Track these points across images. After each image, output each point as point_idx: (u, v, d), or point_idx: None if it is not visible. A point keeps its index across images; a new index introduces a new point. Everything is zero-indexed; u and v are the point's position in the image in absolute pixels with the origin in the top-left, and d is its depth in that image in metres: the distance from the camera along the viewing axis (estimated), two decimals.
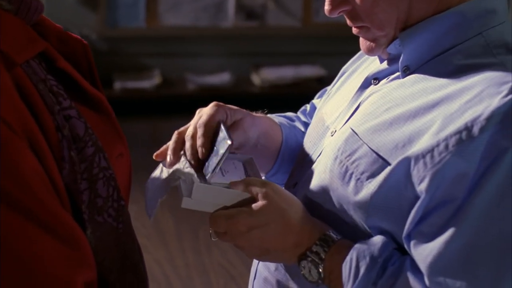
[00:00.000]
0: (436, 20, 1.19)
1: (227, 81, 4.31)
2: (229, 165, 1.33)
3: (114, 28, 4.25)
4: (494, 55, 1.16)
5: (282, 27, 4.40)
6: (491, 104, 1.08)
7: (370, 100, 1.25)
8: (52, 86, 1.02)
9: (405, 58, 1.22)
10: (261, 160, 1.48)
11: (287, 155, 1.50)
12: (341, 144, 1.22)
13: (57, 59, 1.05)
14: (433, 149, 1.09)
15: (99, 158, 1.03)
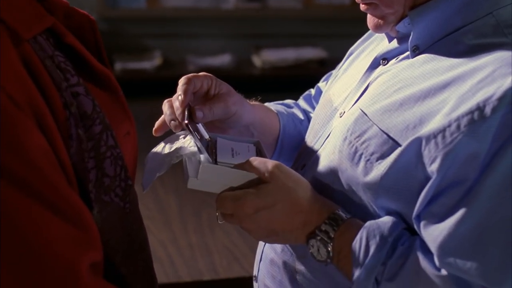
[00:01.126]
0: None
1: (228, 62, 4.29)
2: (242, 147, 1.31)
3: (114, 8, 4.22)
4: (505, 35, 1.15)
5: (283, 8, 4.38)
6: (504, 84, 1.07)
7: (379, 80, 1.24)
8: (60, 62, 1.00)
9: (414, 37, 1.20)
10: None
11: (286, 143, 1.49)
12: (351, 125, 1.21)
13: (65, 35, 1.03)
14: (445, 130, 1.08)
15: (106, 136, 1.02)
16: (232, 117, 1.36)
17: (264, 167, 1.19)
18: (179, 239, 2.51)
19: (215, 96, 1.35)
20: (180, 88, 1.31)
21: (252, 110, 1.41)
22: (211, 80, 1.36)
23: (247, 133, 1.42)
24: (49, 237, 0.92)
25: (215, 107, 1.32)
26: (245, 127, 1.41)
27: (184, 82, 1.32)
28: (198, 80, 1.33)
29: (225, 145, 1.29)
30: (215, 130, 1.36)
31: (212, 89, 1.35)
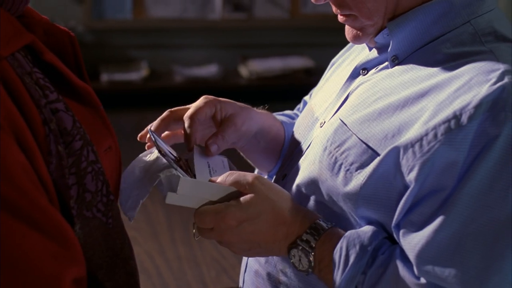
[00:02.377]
0: (424, 9, 1.19)
1: (215, 73, 4.29)
2: (217, 162, 1.31)
3: (100, 20, 4.22)
4: (483, 43, 1.15)
5: (269, 18, 4.39)
6: (480, 92, 1.07)
7: (359, 90, 1.24)
8: (39, 79, 1.00)
9: (393, 47, 1.21)
10: (265, 158, 1.47)
11: None
12: (330, 135, 1.21)
13: (44, 52, 1.03)
14: (422, 138, 1.09)
15: (87, 151, 1.01)
16: (243, 131, 1.37)
17: (244, 179, 1.19)
18: (167, 250, 2.51)
19: (222, 121, 1.35)
20: (186, 130, 1.32)
21: (260, 119, 1.42)
22: (213, 106, 1.35)
23: (254, 142, 1.42)
24: (30, 254, 0.92)
25: (227, 134, 1.33)
26: (252, 136, 1.42)
27: (188, 125, 1.32)
28: (202, 113, 1.33)
29: (200, 160, 1.28)
30: (222, 145, 1.37)
31: (217, 114, 1.35)
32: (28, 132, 0.93)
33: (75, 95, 1.06)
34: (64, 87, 1.04)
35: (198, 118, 1.32)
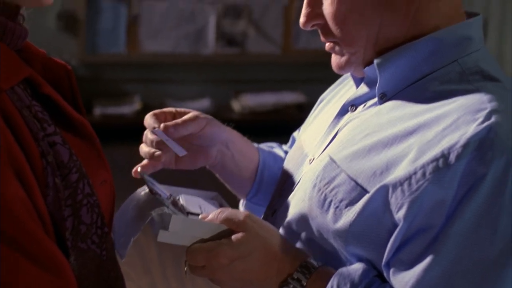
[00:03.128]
0: (413, 47, 1.20)
1: (208, 107, 4.31)
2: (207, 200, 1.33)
3: (94, 54, 4.25)
4: (470, 82, 1.17)
5: (262, 54, 4.42)
6: (467, 131, 1.08)
7: (348, 127, 1.25)
8: (37, 112, 1.02)
9: (381, 84, 1.22)
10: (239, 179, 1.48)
11: (266, 175, 1.50)
12: (320, 171, 1.22)
13: (42, 85, 1.05)
14: (411, 177, 1.10)
15: (83, 184, 1.03)
16: (206, 131, 1.38)
17: (236, 217, 1.20)
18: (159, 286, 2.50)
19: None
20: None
21: (227, 128, 1.44)
22: (173, 112, 1.39)
23: (228, 153, 1.43)
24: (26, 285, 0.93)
25: (188, 121, 1.36)
26: (224, 145, 1.42)
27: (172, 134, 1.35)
28: (184, 129, 1.37)
29: (191, 199, 1.30)
30: (195, 151, 1.39)
31: (178, 115, 1.39)
32: (26, 165, 0.95)
33: (71, 128, 1.08)
34: (61, 120, 1.06)
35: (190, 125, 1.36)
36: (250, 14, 4.35)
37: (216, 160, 1.43)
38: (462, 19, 1.23)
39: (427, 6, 1.19)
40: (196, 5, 4.28)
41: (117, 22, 4.24)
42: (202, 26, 4.32)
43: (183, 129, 1.35)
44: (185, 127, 1.35)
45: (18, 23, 1.06)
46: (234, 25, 4.36)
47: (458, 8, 1.23)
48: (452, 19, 1.21)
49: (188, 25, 4.30)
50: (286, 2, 4.31)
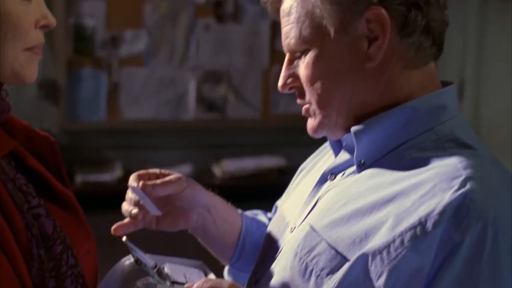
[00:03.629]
0: (388, 116, 1.23)
1: (189, 173, 4.32)
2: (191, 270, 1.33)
3: (75, 122, 4.26)
4: (445, 149, 1.19)
5: (242, 119, 4.45)
6: (443, 199, 1.11)
7: (327, 195, 1.27)
8: (21, 184, 1.03)
9: (359, 153, 1.24)
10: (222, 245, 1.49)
11: (248, 241, 1.51)
12: (301, 240, 1.23)
13: (26, 158, 1.07)
14: (389, 245, 1.11)
15: (67, 256, 1.04)
16: (186, 194, 1.40)
17: (220, 287, 1.20)
18: None
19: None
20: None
21: (208, 192, 1.45)
22: (157, 174, 1.41)
23: (209, 217, 1.44)
24: None
25: (168, 182, 1.37)
26: (205, 209, 1.44)
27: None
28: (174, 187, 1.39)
29: (175, 268, 1.30)
30: (176, 214, 1.40)
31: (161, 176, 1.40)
32: (11, 237, 0.96)
33: (56, 200, 1.09)
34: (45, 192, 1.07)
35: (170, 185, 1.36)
36: (230, 79, 4.40)
37: (197, 224, 1.44)
38: (437, 87, 1.26)
39: (399, 76, 1.23)
40: (176, 72, 4.32)
41: (97, 90, 4.26)
42: (182, 92, 4.35)
43: (162, 189, 1.37)
44: (164, 187, 1.37)
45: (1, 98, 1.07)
46: (214, 90, 4.40)
47: (432, 77, 1.27)
48: (426, 88, 1.24)
49: (168, 92, 4.34)
50: (265, 66, 4.36)
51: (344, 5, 1.21)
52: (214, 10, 4.28)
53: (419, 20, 1.21)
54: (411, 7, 1.21)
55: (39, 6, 1.08)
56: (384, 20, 1.20)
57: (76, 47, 4.18)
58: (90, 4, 4.15)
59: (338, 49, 1.22)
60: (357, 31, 1.22)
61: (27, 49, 1.06)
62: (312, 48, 1.24)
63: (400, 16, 1.21)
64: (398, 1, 1.20)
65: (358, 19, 1.21)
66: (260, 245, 1.47)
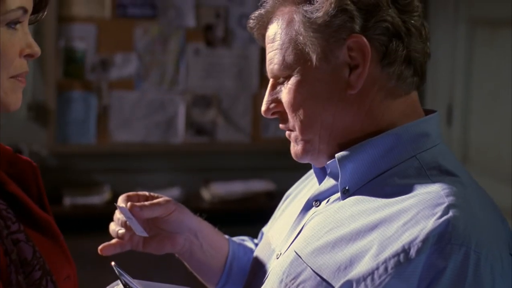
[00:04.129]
0: (371, 143, 1.24)
1: (177, 196, 4.31)
2: None
3: (64, 144, 4.26)
4: (428, 176, 1.20)
5: (231, 142, 4.46)
6: (426, 226, 1.11)
7: (312, 222, 1.28)
8: (1, 210, 1.03)
9: (343, 180, 1.25)
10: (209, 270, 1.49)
11: (235, 266, 1.51)
12: (286, 267, 1.24)
13: (7, 183, 1.07)
14: (373, 272, 1.12)
15: (46, 281, 1.04)
16: (174, 217, 1.40)
17: None
18: None
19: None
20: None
21: (196, 217, 1.46)
22: (147, 196, 1.42)
23: (196, 242, 1.44)
24: None
25: (156, 204, 1.38)
26: (192, 234, 1.44)
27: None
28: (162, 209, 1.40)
29: None
30: (162, 237, 1.40)
31: (150, 198, 1.41)
32: None
33: (36, 226, 1.09)
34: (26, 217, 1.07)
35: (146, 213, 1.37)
36: (219, 103, 4.41)
37: (184, 248, 1.45)
38: (419, 116, 1.28)
39: (380, 104, 1.24)
40: (166, 95, 4.33)
41: (87, 112, 4.27)
42: (172, 116, 4.36)
43: (150, 211, 1.37)
44: (151, 209, 1.38)
45: None
46: (204, 114, 4.41)
47: (414, 106, 1.28)
48: (408, 117, 1.25)
49: (158, 115, 4.35)
50: (255, 90, 4.38)
51: (326, 33, 1.22)
52: (204, 35, 4.30)
53: (400, 50, 1.22)
54: (393, 37, 1.22)
55: (25, 35, 1.08)
56: (364, 48, 1.21)
57: (66, 70, 4.19)
58: (81, 27, 4.16)
59: (319, 76, 1.24)
60: (338, 59, 1.23)
61: (12, 77, 1.06)
62: (294, 74, 1.25)
63: (381, 46, 1.22)
64: (380, 31, 1.22)
65: (340, 47, 1.22)
66: (247, 270, 1.47)
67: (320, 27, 1.22)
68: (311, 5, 1.24)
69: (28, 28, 1.10)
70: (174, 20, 4.24)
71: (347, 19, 1.21)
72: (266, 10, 1.31)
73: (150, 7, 4.21)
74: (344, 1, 1.21)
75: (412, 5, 1.26)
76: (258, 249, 1.45)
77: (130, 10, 4.19)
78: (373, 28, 1.22)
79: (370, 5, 1.22)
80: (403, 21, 1.23)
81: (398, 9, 1.23)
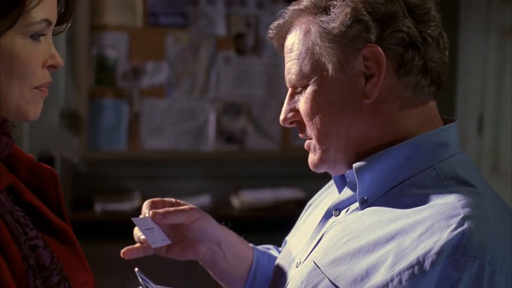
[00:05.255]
0: (389, 153, 1.24)
1: (207, 203, 4.33)
2: None
3: (96, 151, 4.30)
4: (445, 187, 1.20)
5: (261, 150, 4.47)
6: (441, 238, 1.11)
7: (331, 232, 1.28)
8: (19, 217, 1.05)
9: (361, 190, 1.25)
10: (232, 279, 1.50)
11: (259, 275, 1.52)
12: (305, 277, 1.24)
13: (24, 193, 1.09)
14: (388, 284, 1.12)
15: (64, 286, 1.06)
16: (197, 225, 1.41)
17: None
18: None
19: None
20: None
21: (220, 226, 1.47)
22: (173, 202, 1.44)
23: (219, 251, 1.45)
24: None
25: (181, 210, 1.39)
26: (216, 243, 1.45)
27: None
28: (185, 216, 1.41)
29: None
30: (185, 244, 1.42)
31: (176, 204, 1.43)
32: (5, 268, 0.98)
33: (53, 233, 1.11)
34: (43, 225, 1.09)
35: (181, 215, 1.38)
36: (249, 111, 4.43)
37: (206, 256, 1.46)
38: (438, 125, 1.27)
39: (396, 113, 1.24)
40: (196, 103, 4.36)
41: (118, 120, 4.31)
42: (202, 124, 4.39)
43: (174, 217, 1.39)
44: (175, 215, 1.39)
45: (5, 133, 1.10)
46: (234, 122, 4.42)
47: (432, 115, 1.28)
48: (426, 126, 1.25)
49: (189, 123, 4.37)
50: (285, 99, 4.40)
51: (342, 43, 1.23)
52: (234, 43, 4.33)
53: (416, 60, 1.23)
54: (408, 47, 1.22)
55: (48, 46, 1.10)
56: (380, 58, 1.22)
57: (98, 78, 4.24)
58: (113, 35, 4.21)
59: (335, 86, 1.25)
60: (354, 69, 1.24)
61: (34, 88, 1.08)
62: (311, 84, 1.26)
63: (397, 56, 1.23)
64: (395, 41, 1.22)
65: (355, 57, 1.23)
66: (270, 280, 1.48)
67: (336, 38, 1.23)
68: (327, 16, 1.25)
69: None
70: (205, 29, 4.27)
71: (362, 29, 1.22)
72: (285, 20, 1.32)
73: (181, 16, 4.24)
74: (360, 12, 1.22)
75: (429, 15, 1.26)
76: (280, 257, 1.46)
77: (162, 19, 4.23)
78: (388, 38, 1.22)
79: (386, 16, 1.22)
80: (419, 31, 1.23)
81: (414, 19, 1.23)
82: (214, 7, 4.26)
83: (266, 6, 4.30)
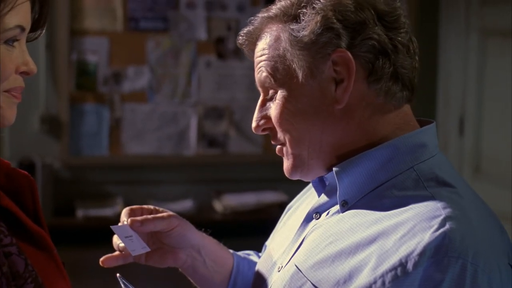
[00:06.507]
0: (367, 155, 1.24)
1: (190, 208, 4.32)
2: None
3: (77, 157, 4.28)
4: (426, 188, 1.20)
5: (243, 154, 4.47)
6: (423, 239, 1.11)
7: (313, 235, 1.28)
8: None
9: (341, 192, 1.25)
10: (212, 285, 1.49)
11: (239, 281, 1.52)
12: (287, 281, 1.24)
13: (1, 198, 1.08)
14: (371, 286, 1.12)
15: None
16: (176, 232, 1.40)
17: None
18: None
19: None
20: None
21: (200, 233, 1.46)
22: (151, 210, 1.43)
23: (199, 258, 1.45)
24: None
25: (159, 218, 1.38)
26: (195, 250, 1.44)
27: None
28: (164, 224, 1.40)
29: None
30: (165, 251, 1.41)
31: (154, 211, 1.42)
32: None
33: (30, 239, 1.10)
34: (19, 231, 1.08)
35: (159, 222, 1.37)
36: (231, 115, 4.42)
37: (186, 263, 1.45)
38: (414, 128, 1.28)
39: (369, 119, 1.24)
40: (178, 107, 4.35)
41: (100, 125, 4.30)
42: (184, 128, 4.38)
43: (151, 225, 1.38)
44: (153, 223, 1.38)
45: None
46: (216, 126, 4.42)
47: (408, 118, 1.28)
48: (402, 130, 1.26)
49: (170, 127, 4.36)
50: None
51: (312, 50, 1.23)
52: (215, 47, 4.32)
53: (387, 67, 1.23)
54: (379, 54, 1.23)
55: (22, 53, 1.10)
56: (349, 63, 1.22)
57: (78, 83, 4.22)
58: (93, 40, 4.19)
59: (306, 92, 1.25)
60: (324, 74, 1.24)
61: (5, 91, 1.08)
62: (282, 90, 1.26)
63: (367, 63, 1.23)
64: (366, 49, 1.22)
65: (325, 62, 1.23)
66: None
67: (306, 45, 1.23)
68: (297, 24, 1.25)
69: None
70: (186, 33, 4.27)
71: (333, 36, 1.22)
72: (255, 27, 1.32)
73: (161, 20, 4.24)
74: (330, 20, 1.22)
75: (399, 21, 1.26)
76: (260, 262, 1.46)
77: (142, 23, 4.22)
78: (359, 45, 1.22)
79: (356, 23, 1.22)
80: (389, 38, 1.23)
81: (384, 26, 1.24)
82: (194, 11, 4.25)
83: (247, 9, 4.30)
